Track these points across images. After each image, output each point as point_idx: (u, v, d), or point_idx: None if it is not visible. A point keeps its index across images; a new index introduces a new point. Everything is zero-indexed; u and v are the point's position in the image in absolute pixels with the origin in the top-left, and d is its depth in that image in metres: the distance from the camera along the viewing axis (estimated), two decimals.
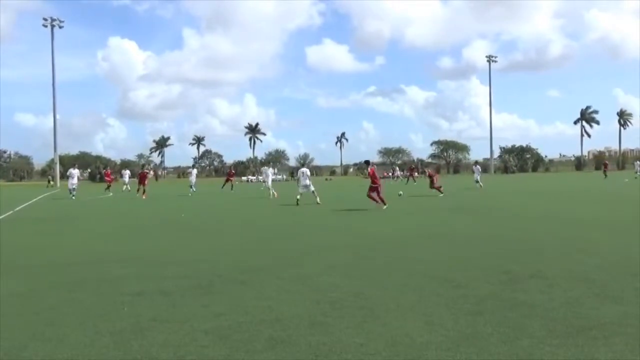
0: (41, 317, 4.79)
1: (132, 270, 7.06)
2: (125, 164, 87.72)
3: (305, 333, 4.15)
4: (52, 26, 63.04)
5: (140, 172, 29.98)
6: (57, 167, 65.30)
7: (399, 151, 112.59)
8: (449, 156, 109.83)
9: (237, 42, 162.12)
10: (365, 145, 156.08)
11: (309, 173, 21.43)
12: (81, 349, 3.87)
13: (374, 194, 16.89)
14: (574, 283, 5.66)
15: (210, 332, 4.22)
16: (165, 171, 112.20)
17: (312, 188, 20.25)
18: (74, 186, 27.55)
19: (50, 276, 6.75)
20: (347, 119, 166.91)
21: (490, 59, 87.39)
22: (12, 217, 16.70)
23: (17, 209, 20.11)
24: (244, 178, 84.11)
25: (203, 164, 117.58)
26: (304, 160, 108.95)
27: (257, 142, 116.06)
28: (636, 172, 44.77)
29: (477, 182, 30.76)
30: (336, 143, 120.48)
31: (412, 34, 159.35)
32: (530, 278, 5.98)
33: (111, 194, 31.36)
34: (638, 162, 47.07)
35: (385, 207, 16.32)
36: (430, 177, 24.59)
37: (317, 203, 19.30)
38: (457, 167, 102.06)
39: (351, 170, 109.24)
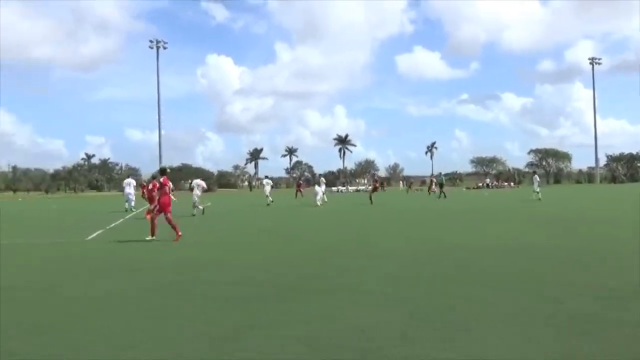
0: (144, 317, 5.14)
1: (229, 275, 7.38)
2: (222, 175, 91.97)
3: (396, 345, 4.11)
4: (157, 47, 67.96)
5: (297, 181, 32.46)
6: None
7: (493, 160, 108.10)
8: (549, 165, 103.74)
9: (328, 54, 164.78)
10: (458, 154, 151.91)
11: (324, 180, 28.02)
12: (181, 350, 4.11)
13: None
14: None
15: (302, 340, 4.30)
16: (259, 182, 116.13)
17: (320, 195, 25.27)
18: (129, 197, 26.71)
19: (150, 279, 7.21)
20: (438, 127, 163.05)
21: (593, 61, 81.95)
22: (122, 225, 18.04)
23: (129, 216, 21.74)
24: (334, 188, 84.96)
25: (294, 175, 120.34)
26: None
27: (347, 152, 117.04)
28: None
29: (535, 192, 29.38)
30: (426, 152, 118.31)
31: (509, 37, 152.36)
32: (634, 295, 5.52)
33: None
34: None
35: None
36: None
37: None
38: (557, 177, 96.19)
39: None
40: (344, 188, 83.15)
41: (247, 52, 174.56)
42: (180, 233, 12.16)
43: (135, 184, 27.45)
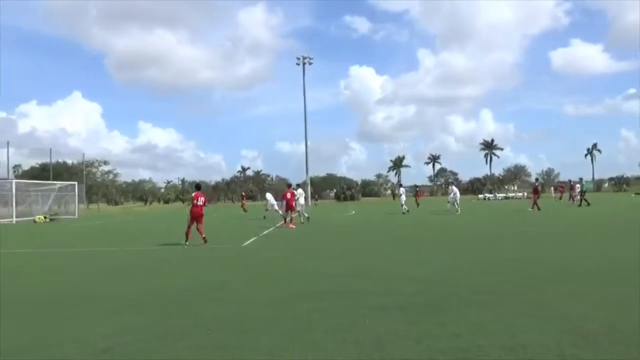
0: (295, 322, 5.40)
1: (370, 284, 7.46)
2: (366, 184, 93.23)
3: None
4: (304, 63, 71.18)
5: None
6: (309, 188, 73.22)
7: None
8: None
9: (473, 56, 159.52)
10: (625, 156, 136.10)
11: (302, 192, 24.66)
12: (330, 355, 4.25)
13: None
14: None
15: (448, 352, 4.20)
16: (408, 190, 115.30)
17: (299, 208, 22.91)
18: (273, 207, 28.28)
19: (302, 286, 7.54)
20: (600, 127, 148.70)
21: None
22: (269, 234, 19.20)
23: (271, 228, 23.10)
24: (480, 196, 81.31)
25: (438, 183, 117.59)
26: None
27: (494, 158, 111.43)
28: None
29: None
30: (586, 155, 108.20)
31: None
32: None
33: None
34: None
35: None
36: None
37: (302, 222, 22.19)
38: None
39: (606, 185, 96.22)
40: (492, 195, 79.10)
41: (388, 61, 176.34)
42: (206, 242, 13.98)
43: (304, 194, 28.36)
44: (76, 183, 45.87)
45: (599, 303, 5.79)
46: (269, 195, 30.21)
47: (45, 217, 36.26)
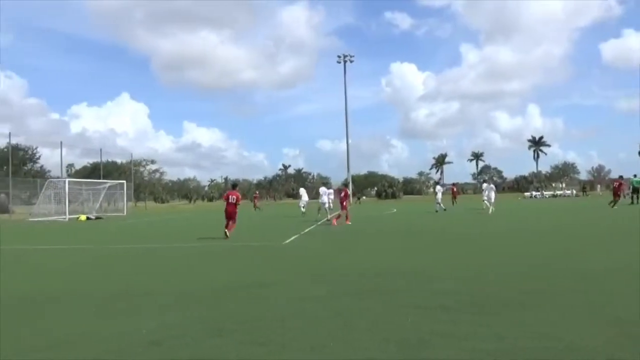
0: (336, 320, 5.41)
1: (413, 283, 7.39)
2: (408, 182, 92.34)
3: None
4: (345, 61, 71.09)
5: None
6: (350, 186, 73.09)
7: None
8: None
9: (519, 50, 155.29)
10: None
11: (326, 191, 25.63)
12: (372, 354, 4.24)
13: None
14: None
15: (494, 354, 4.11)
16: (445, 188, 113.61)
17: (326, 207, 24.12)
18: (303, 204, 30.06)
19: (343, 284, 7.54)
20: None
21: None
22: (310, 232, 19.28)
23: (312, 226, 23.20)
24: (526, 194, 79.24)
25: (482, 180, 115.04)
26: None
27: (541, 154, 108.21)
28: None
29: None
30: None
31: None
32: None
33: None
34: None
35: None
36: None
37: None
38: None
39: None
40: (539, 193, 76.91)
41: (431, 56, 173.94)
42: (228, 237, 15.08)
43: (328, 192, 28.40)
44: (125, 182, 47.45)
45: None
46: (302, 191, 30.38)
47: (87, 217, 37.27)
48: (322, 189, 26.90)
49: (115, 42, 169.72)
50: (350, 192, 16.95)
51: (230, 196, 15.82)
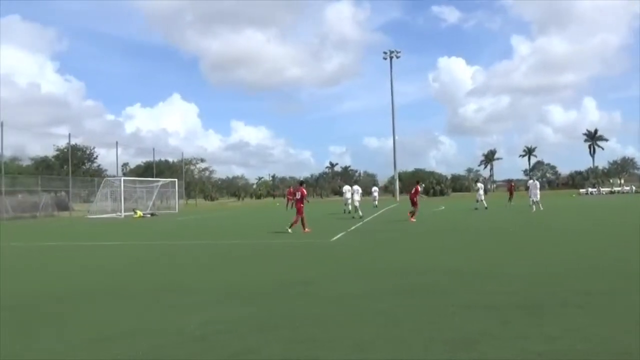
0: (381, 318, 5.37)
1: (460, 282, 7.24)
2: (456, 179, 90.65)
3: None
4: (391, 57, 70.49)
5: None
6: (397, 184, 72.55)
7: None
8: None
9: (575, 40, 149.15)
10: None
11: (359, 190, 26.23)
12: (417, 353, 4.18)
13: None
14: None
15: (544, 355, 3.97)
16: (495, 185, 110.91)
17: (356, 204, 25.02)
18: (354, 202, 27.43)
19: (388, 282, 7.49)
20: None
21: None
22: (357, 229, 19.21)
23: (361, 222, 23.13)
24: (582, 190, 76.28)
25: (535, 177, 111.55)
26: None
27: (598, 149, 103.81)
28: None
29: None
30: None
31: None
32: None
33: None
34: None
35: None
36: None
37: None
38: None
39: None
40: (595, 189, 73.86)
41: (480, 50, 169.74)
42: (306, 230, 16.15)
43: (361, 191, 27.76)
44: (176, 180, 48.81)
45: None
46: (346, 188, 30.23)
47: (142, 214, 38.30)
48: (347, 187, 28.14)
49: (167, 44, 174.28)
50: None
51: (296, 193, 17.43)
